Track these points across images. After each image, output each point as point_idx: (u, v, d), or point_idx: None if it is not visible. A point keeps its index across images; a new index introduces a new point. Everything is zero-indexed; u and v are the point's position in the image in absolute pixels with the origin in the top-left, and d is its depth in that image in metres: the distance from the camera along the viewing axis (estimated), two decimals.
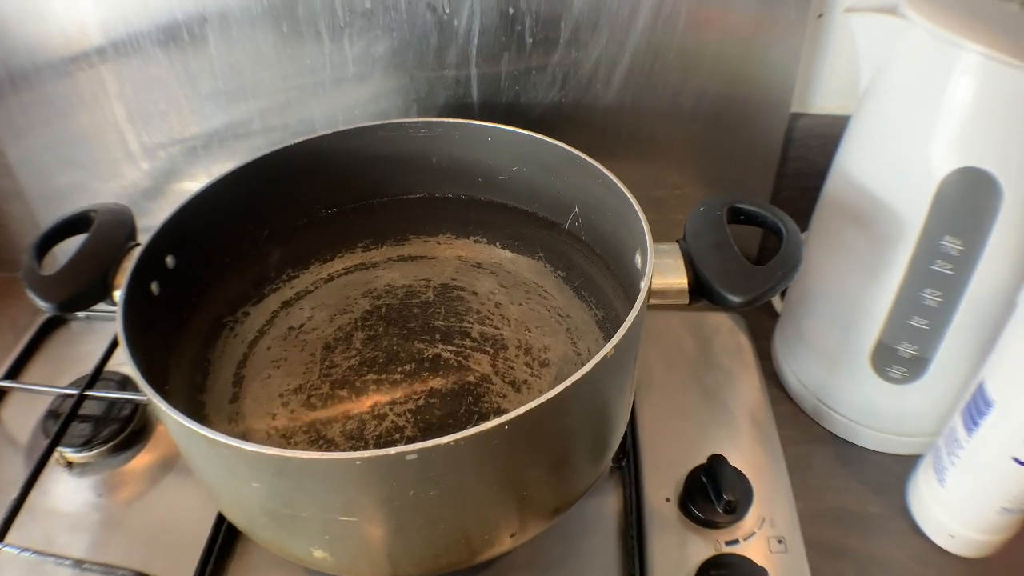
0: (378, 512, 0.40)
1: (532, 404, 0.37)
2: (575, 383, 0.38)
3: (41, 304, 0.47)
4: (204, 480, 0.46)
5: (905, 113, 0.50)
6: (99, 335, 0.67)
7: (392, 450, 0.36)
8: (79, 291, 0.47)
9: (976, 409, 0.49)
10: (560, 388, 0.37)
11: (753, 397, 0.62)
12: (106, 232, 0.50)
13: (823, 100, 0.65)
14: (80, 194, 0.69)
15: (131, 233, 0.51)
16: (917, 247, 0.51)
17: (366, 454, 0.36)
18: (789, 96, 0.63)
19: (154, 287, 0.50)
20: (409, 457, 0.36)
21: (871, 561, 0.54)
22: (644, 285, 0.43)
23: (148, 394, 0.40)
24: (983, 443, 0.49)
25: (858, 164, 0.54)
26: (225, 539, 0.53)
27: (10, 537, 0.51)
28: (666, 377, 0.63)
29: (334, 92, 0.64)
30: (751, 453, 0.58)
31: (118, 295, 0.46)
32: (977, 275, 0.50)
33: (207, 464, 0.43)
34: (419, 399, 0.51)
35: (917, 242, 0.50)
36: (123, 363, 0.63)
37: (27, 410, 0.63)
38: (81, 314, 0.71)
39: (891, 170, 0.51)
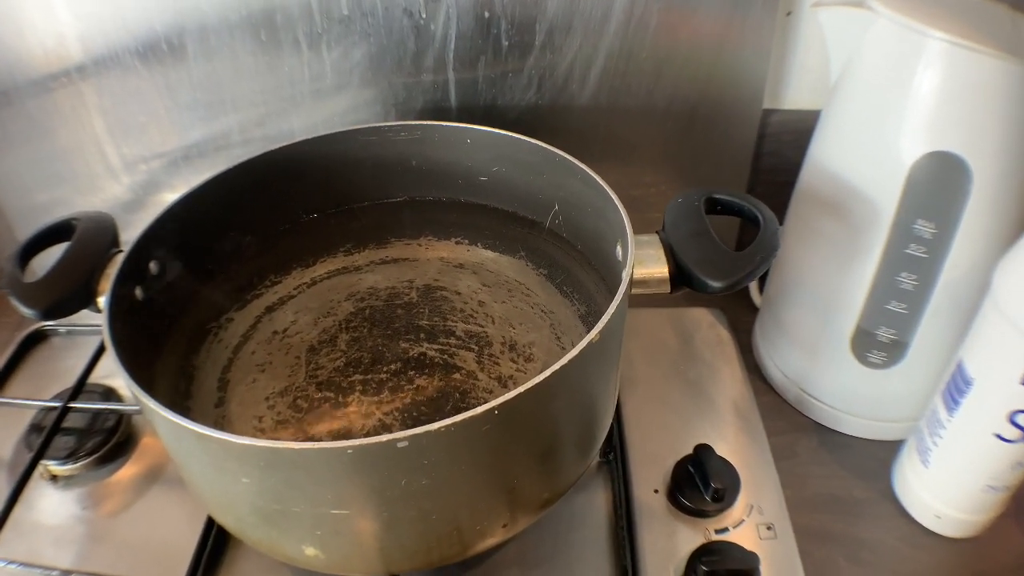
0: (370, 503, 0.40)
1: (521, 388, 0.37)
2: (563, 368, 0.38)
3: (25, 311, 0.46)
4: (193, 481, 0.46)
5: (874, 102, 0.51)
6: (80, 349, 0.67)
7: (384, 437, 0.36)
8: (63, 297, 0.47)
9: (956, 388, 0.50)
10: (548, 372, 0.38)
11: (736, 389, 0.63)
12: (89, 239, 0.50)
13: (794, 96, 0.66)
14: (60, 209, 0.68)
15: (114, 240, 0.51)
16: (891, 232, 0.52)
17: (357, 442, 0.36)
18: (761, 93, 0.64)
19: (138, 292, 0.49)
20: (400, 444, 0.36)
21: (859, 545, 0.55)
22: (626, 274, 0.44)
23: (136, 393, 0.40)
24: (964, 422, 0.50)
25: (831, 154, 0.56)
26: (213, 549, 0.53)
27: None
28: (649, 372, 0.64)
29: (313, 102, 0.64)
30: (736, 443, 0.58)
31: (102, 301, 0.46)
32: (951, 257, 0.51)
33: (196, 462, 0.42)
34: (406, 397, 0.51)
35: (891, 227, 0.52)
36: (106, 376, 0.64)
37: (9, 426, 0.62)
38: (62, 329, 0.70)
39: (863, 158, 0.53)
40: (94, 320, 0.45)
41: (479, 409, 0.36)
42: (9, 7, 0.60)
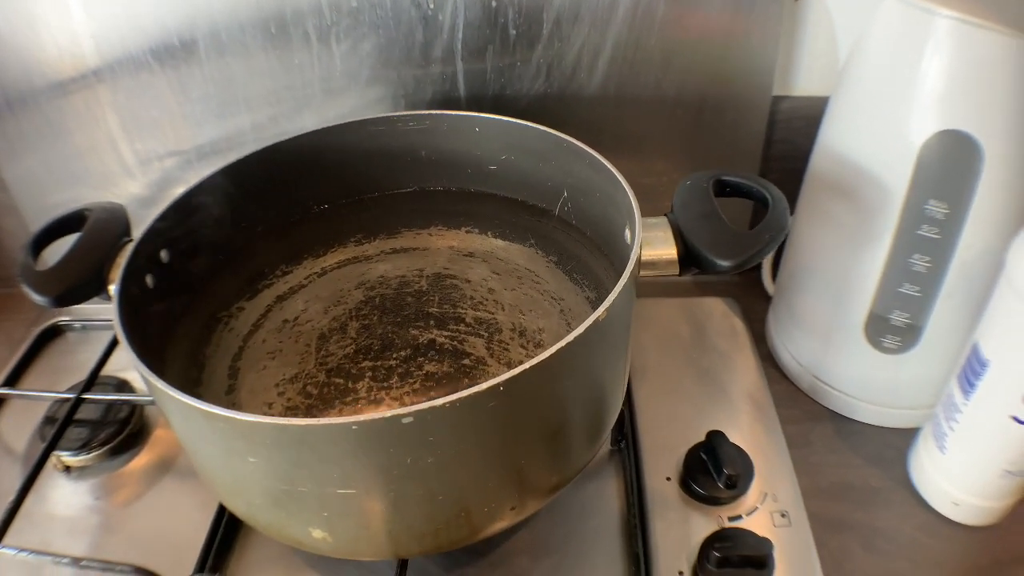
0: (376, 483, 0.40)
1: (526, 365, 0.37)
2: (568, 345, 0.38)
3: (37, 298, 0.47)
4: (202, 465, 0.46)
5: (883, 82, 0.51)
6: (95, 344, 0.67)
7: (388, 413, 0.36)
8: (75, 284, 0.48)
9: (972, 371, 0.49)
10: (553, 349, 0.38)
11: (750, 377, 0.62)
12: (100, 228, 0.51)
13: (804, 82, 0.66)
14: (75, 207, 0.69)
15: (126, 229, 0.51)
16: (903, 213, 0.51)
17: (362, 418, 0.36)
18: (770, 79, 0.64)
19: (149, 281, 0.50)
20: (405, 420, 0.36)
21: (876, 534, 0.54)
22: (633, 254, 0.44)
23: (144, 374, 0.40)
24: (981, 405, 0.49)
25: (840, 138, 0.55)
26: (224, 538, 0.53)
27: (7, 540, 0.51)
28: (662, 361, 0.63)
29: (324, 98, 0.65)
30: (750, 431, 0.58)
31: (113, 289, 0.46)
32: (964, 237, 0.50)
33: (204, 443, 0.42)
34: (415, 383, 0.51)
35: (902, 208, 0.51)
36: (119, 369, 0.64)
37: (24, 419, 0.63)
38: (77, 324, 0.71)
39: (873, 139, 0.52)
40: (109, 315, 0.46)
41: (484, 385, 0.36)
42: (23, 7, 0.60)
